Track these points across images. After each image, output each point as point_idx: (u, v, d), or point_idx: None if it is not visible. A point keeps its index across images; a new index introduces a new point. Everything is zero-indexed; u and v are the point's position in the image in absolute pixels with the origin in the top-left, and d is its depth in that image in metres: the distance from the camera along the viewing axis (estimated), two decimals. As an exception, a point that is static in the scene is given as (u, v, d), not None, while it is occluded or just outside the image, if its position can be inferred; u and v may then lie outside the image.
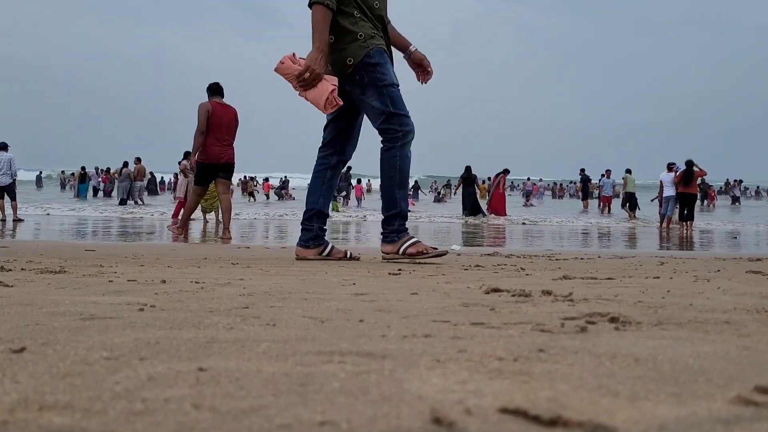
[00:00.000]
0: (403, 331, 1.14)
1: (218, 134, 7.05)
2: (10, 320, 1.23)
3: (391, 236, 3.35)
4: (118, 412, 0.66)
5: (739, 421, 0.65)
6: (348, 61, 3.24)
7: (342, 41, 3.25)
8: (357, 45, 3.23)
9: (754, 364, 0.92)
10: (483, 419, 0.64)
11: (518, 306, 1.50)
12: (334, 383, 0.78)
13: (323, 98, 3.12)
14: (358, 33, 3.24)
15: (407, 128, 3.30)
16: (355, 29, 3.24)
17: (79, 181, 25.75)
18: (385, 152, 3.33)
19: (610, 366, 0.89)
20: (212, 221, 11.74)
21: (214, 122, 7.01)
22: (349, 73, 3.25)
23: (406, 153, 3.33)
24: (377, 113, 3.28)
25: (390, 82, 3.26)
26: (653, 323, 1.26)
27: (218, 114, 7.05)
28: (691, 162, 13.23)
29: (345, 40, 3.24)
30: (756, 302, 1.61)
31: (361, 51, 3.23)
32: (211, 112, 7.01)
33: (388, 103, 3.24)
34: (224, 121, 7.09)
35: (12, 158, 11.26)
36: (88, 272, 2.38)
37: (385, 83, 3.24)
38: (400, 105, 3.28)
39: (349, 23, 3.24)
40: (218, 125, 7.03)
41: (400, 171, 3.32)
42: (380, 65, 3.25)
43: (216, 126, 7.02)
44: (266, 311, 1.39)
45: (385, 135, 3.32)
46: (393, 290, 1.86)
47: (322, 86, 3.12)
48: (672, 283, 2.17)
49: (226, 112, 7.16)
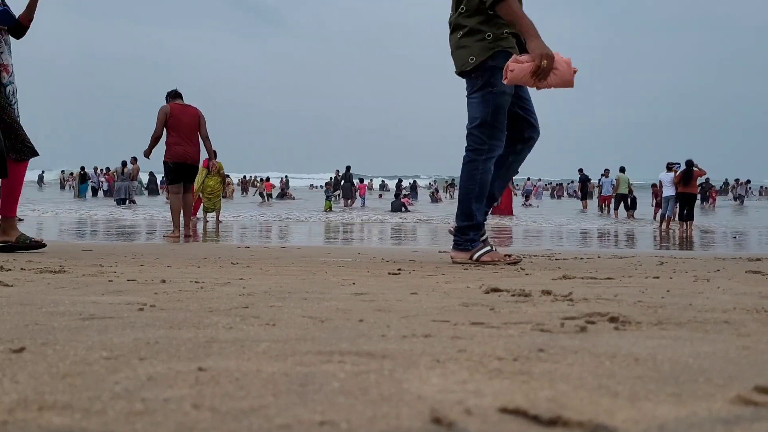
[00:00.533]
0: (402, 331, 1.14)
1: (180, 134, 7.30)
2: (10, 320, 1.23)
3: (465, 245, 3.29)
4: (117, 412, 0.66)
5: (739, 421, 0.65)
6: (470, 60, 3.16)
7: (469, 38, 3.18)
8: (483, 45, 3.15)
9: (754, 363, 0.92)
10: (483, 419, 0.64)
11: (518, 306, 1.50)
12: (334, 383, 0.78)
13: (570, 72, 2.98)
14: (486, 33, 3.15)
15: (495, 144, 3.22)
16: (484, 28, 3.16)
17: (79, 181, 25.76)
18: (468, 163, 3.25)
19: (609, 366, 0.89)
20: (212, 221, 11.74)
21: (174, 123, 7.28)
22: (467, 71, 3.18)
23: (489, 167, 3.25)
24: (474, 117, 3.21)
25: (501, 90, 3.16)
26: (653, 323, 1.26)
27: (177, 115, 7.31)
28: (691, 162, 13.23)
29: (472, 38, 3.17)
30: (756, 302, 1.61)
31: (485, 52, 3.15)
32: (170, 113, 7.28)
33: (489, 112, 3.17)
34: (184, 121, 7.34)
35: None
36: (88, 272, 2.37)
37: (495, 91, 3.16)
38: (500, 119, 3.20)
39: (478, 21, 3.16)
40: (178, 125, 7.29)
41: (480, 185, 3.25)
42: (499, 70, 3.12)
43: (176, 126, 7.28)
44: (266, 311, 1.39)
45: (471, 142, 3.24)
46: (393, 290, 1.86)
47: (560, 65, 2.98)
48: (672, 282, 2.17)
49: (186, 112, 7.41)
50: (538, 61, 2.92)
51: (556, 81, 2.99)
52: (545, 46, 2.96)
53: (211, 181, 11.57)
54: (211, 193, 11.59)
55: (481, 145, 3.22)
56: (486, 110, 3.18)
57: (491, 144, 3.22)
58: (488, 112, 3.17)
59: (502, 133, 3.24)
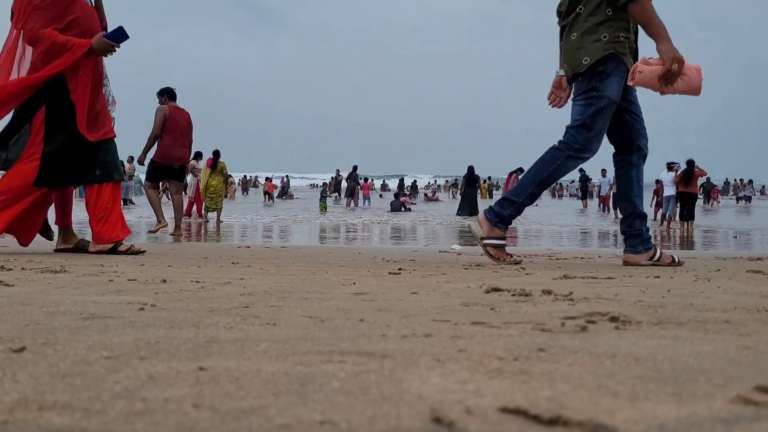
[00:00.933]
0: (403, 331, 1.14)
1: (175, 137, 7.37)
2: (10, 320, 1.23)
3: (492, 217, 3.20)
4: (118, 411, 0.66)
5: (739, 420, 0.65)
6: (584, 61, 3.09)
7: (585, 39, 3.10)
8: (598, 46, 3.08)
9: (754, 363, 0.92)
10: (483, 419, 0.64)
11: (518, 305, 1.50)
12: (334, 383, 0.78)
13: (699, 78, 2.93)
14: (602, 34, 3.07)
15: (587, 147, 3.15)
16: (601, 29, 3.08)
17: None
18: (551, 151, 3.17)
19: (610, 366, 0.89)
20: (213, 220, 11.75)
21: (171, 125, 7.34)
22: (579, 73, 3.12)
23: (568, 166, 3.18)
24: (575, 118, 3.14)
25: (605, 96, 3.08)
26: (653, 323, 1.26)
27: (174, 117, 7.38)
28: (692, 161, 13.23)
29: (588, 39, 3.10)
30: (756, 302, 1.61)
31: (599, 53, 3.07)
32: (168, 115, 7.34)
33: (589, 115, 3.10)
34: (179, 124, 7.42)
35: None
36: (89, 272, 2.38)
37: (601, 95, 3.08)
38: (599, 125, 3.12)
39: (596, 21, 3.09)
40: (174, 128, 7.36)
41: (549, 175, 3.16)
42: (607, 75, 3.07)
43: (172, 129, 7.34)
44: (266, 311, 1.39)
45: (565, 138, 3.16)
46: (393, 290, 1.86)
47: (689, 71, 2.92)
48: (672, 282, 2.17)
49: (181, 116, 7.50)
50: (668, 64, 2.88)
51: (683, 87, 2.94)
52: (676, 50, 2.90)
53: (214, 181, 11.59)
54: (213, 192, 11.61)
55: (573, 144, 3.14)
56: (587, 114, 3.10)
57: (584, 146, 3.14)
58: (589, 116, 3.10)
59: (597, 143, 3.16)
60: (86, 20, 3.63)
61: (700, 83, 2.95)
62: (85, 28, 3.60)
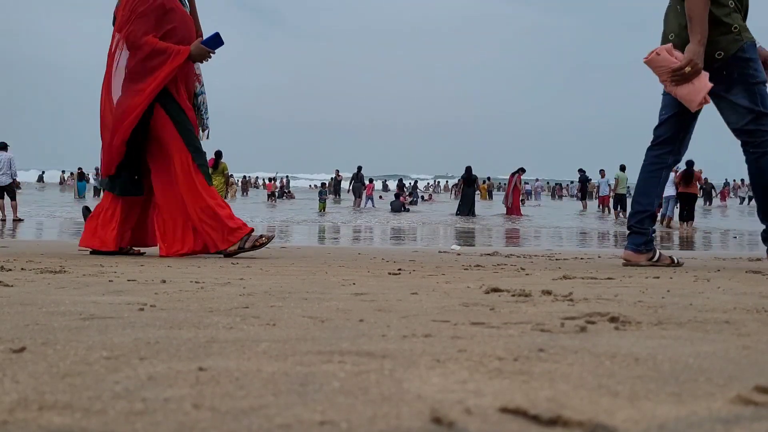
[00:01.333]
0: (403, 331, 1.14)
1: None
2: (10, 320, 1.23)
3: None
4: (118, 411, 0.66)
5: (739, 420, 0.65)
6: (717, 55, 3.01)
7: (712, 33, 3.01)
8: (730, 38, 3.01)
9: (754, 363, 0.92)
10: (483, 419, 0.64)
11: (518, 306, 1.50)
12: (334, 383, 0.78)
13: (700, 94, 2.92)
14: (733, 25, 3.01)
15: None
16: (729, 21, 3.02)
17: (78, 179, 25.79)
18: (760, 158, 3.04)
19: (610, 366, 0.89)
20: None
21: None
22: (715, 68, 3.03)
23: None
24: (744, 112, 3.04)
25: (762, 80, 3.01)
26: (653, 323, 1.26)
27: None
28: (692, 162, 13.25)
29: (716, 32, 3.02)
30: (756, 302, 1.61)
31: (735, 45, 3.01)
32: None
33: (758, 102, 3.01)
34: None
35: (12, 158, 11.29)
36: (88, 272, 2.38)
37: (758, 80, 3.02)
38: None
39: (722, 14, 3.02)
40: None
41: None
42: (753, 61, 3.01)
43: None
44: (266, 311, 1.39)
45: (751, 137, 3.06)
46: (393, 290, 1.86)
47: (699, 82, 2.92)
48: (672, 282, 2.17)
49: None
50: (684, 62, 2.88)
51: (684, 92, 2.94)
52: (701, 56, 2.90)
53: (215, 181, 11.59)
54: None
55: (764, 136, 3.03)
56: (755, 101, 3.02)
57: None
58: (758, 103, 3.02)
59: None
60: (183, 28, 3.68)
61: (700, 99, 2.94)
62: (181, 37, 3.65)
